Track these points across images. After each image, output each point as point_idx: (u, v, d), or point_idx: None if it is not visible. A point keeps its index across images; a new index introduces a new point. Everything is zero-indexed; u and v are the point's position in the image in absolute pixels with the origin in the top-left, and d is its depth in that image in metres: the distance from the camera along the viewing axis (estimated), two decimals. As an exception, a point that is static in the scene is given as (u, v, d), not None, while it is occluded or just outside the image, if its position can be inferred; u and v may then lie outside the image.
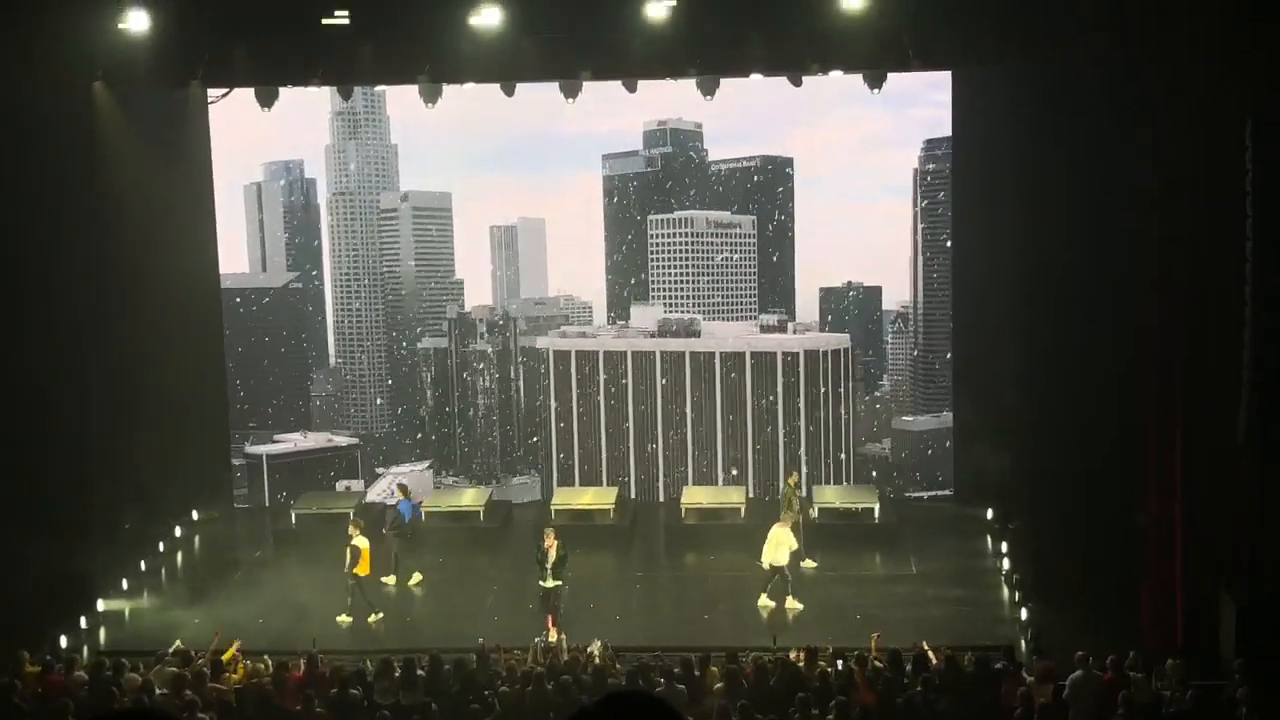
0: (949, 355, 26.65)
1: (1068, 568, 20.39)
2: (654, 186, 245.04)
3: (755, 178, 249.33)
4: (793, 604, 21.61)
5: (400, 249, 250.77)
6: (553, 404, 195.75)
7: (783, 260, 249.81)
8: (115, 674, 17.31)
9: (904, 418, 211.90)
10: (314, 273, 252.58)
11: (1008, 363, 23.18)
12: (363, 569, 21.59)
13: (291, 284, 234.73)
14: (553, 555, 21.37)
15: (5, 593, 19.71)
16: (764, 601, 21.68)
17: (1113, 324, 19.77)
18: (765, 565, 21.69)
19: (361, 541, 21.59)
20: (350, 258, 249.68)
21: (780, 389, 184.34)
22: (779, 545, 21.61)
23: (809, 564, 23.29)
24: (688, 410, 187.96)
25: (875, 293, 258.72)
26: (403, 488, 24.64)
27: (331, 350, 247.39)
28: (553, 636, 20.42)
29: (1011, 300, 22.73)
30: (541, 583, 21.39)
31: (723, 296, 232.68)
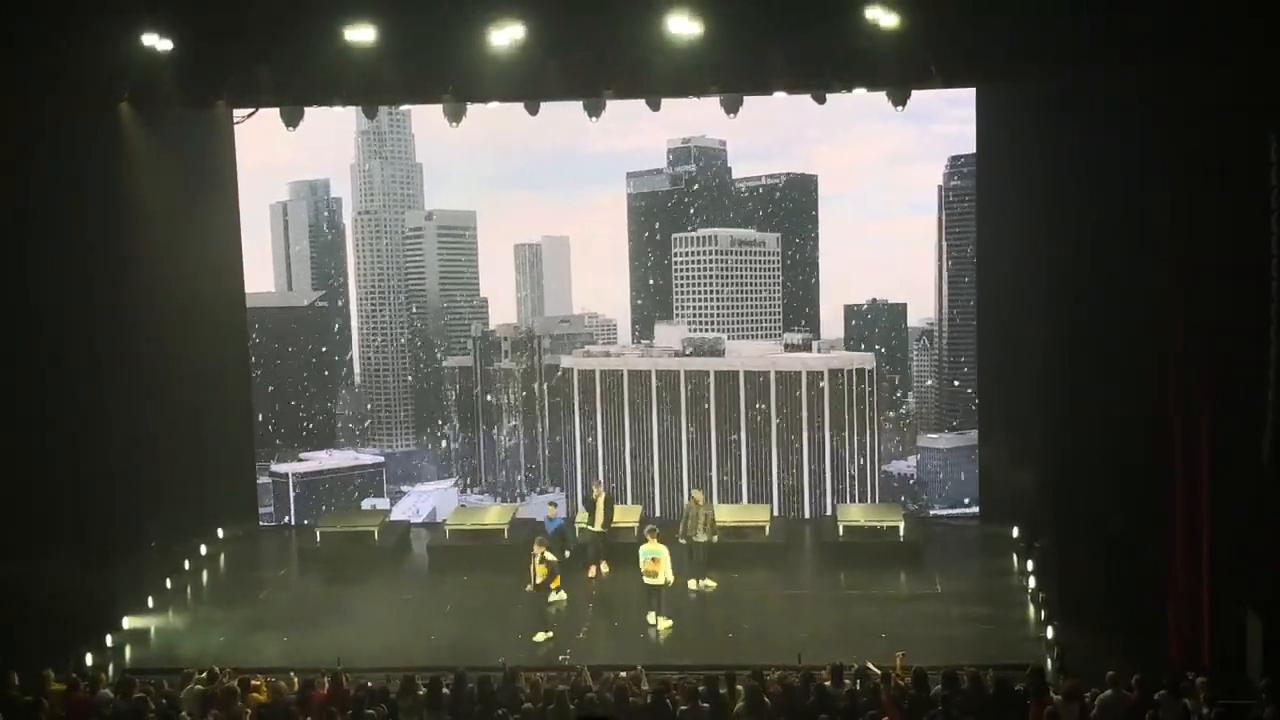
0: (974, 373, 26.55)
1: (1094, 586, 20.29)
2: (678, 204, 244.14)
3: (778, 195, 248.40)
4: (664, 623, 21.82)
5: (425, 267, 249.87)
6: (577, 422, 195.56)
7: (806, 278, 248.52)
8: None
9: (929, 435, 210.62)
10: (340, 291, 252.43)
11: (1033, 380, 23.10)
12: (556, 581, 22.03)
13: (317, 303, 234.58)
14: (600, 504, 23.76)
15: (30, 610, 19.77)
16: (662, 624, 21.84)
17: (1139, 342, 19.70)
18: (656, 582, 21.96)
19: (552, 555, 21.95)
20: (376, 276, 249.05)
21: (805, 407, 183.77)
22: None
23: (708, 584, 23.47)
24: (711, 428, 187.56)
25: (900, 310, 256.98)
26: (553, 504, 24.84)
27: (357, 369, 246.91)
28: (605, 569, 23.59)
29: (1037, 318, 22.66)
30: (590, 527, 23.89)
31: (746, 315, 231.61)
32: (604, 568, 23.63)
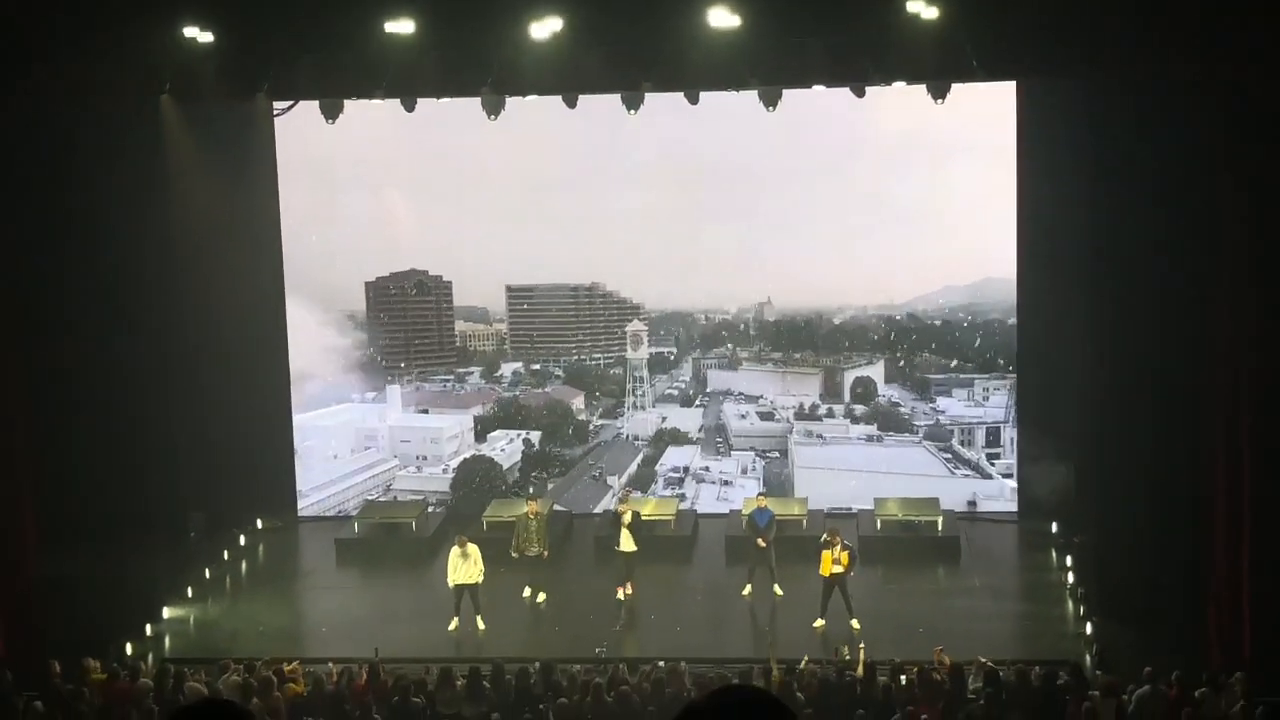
0: (1012, 369, 26.50)
1: (1133, 582, 20.17)
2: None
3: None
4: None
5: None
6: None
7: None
8: (178, 682, 17.48)
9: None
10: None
11: (1073, 376, 22.97)
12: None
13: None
14: (627, 519, 22.67)
15: (73, 601, 19.95)
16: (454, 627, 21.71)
17: (1182, 339, 19.53)
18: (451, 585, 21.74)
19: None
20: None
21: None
22: (455, 568, 21.71)
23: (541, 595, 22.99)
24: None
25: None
26: (763, 495, 24.47)
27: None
28: (627, 591, 22.51)
29: (1078, 315, 22.51)
30: (617, 547, 22.72)
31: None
32: (629, 589, 22.63)
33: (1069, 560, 23.26)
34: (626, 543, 22.64)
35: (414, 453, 29.97)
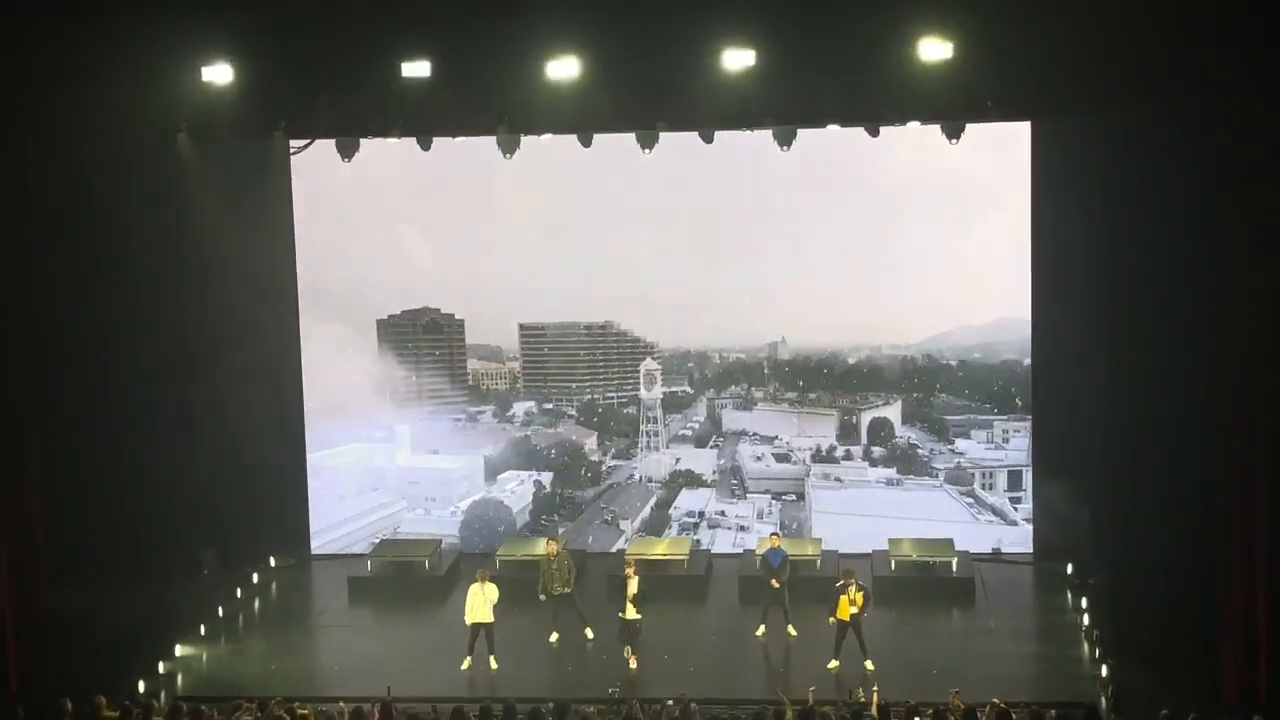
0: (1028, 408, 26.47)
1: (1149, 624, 20.05)
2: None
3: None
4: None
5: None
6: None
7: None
8: (192, 720, 17.40)
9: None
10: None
11: (1088, 416, 22.91)
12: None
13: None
14: (633, 587, 21.89)
15: (85, 637, 19.92)
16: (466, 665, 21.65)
17: (1200, 378, 19.45)
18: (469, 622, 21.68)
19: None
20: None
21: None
22: (474, 605, 21.68)
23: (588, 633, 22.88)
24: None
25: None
26: (776, 535, 24.09)
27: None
28: (633, 664, 21.40)
29: (1092, 356, 22.47)
30: (621, 614, 21.91)
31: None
32: (632, 663, 21.62)
33: (1084, 602, 23.13)
34: (630, 611, 21.97)
35: (423, 494, 29.90)
